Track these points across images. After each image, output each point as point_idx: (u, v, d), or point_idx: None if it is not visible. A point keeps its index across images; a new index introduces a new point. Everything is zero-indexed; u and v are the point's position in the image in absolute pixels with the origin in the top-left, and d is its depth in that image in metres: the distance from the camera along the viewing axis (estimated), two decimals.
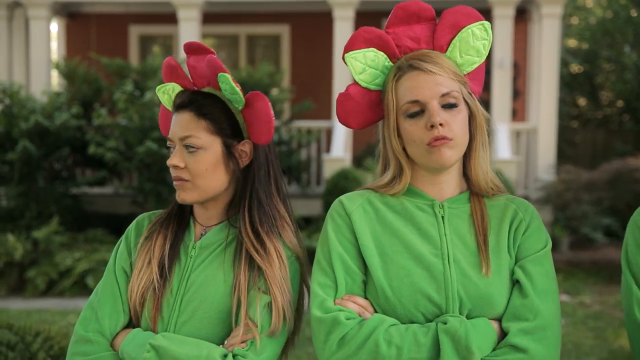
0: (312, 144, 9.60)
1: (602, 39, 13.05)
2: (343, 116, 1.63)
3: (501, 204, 1.60)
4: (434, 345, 1.43)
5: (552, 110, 9.50)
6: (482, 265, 1.52)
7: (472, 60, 1.58)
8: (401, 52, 1.58)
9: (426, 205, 1.59)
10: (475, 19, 1.57)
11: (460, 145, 1.53)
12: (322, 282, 1.54)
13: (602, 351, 5.15)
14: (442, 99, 1.51)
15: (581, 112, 13.64)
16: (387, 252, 1.53)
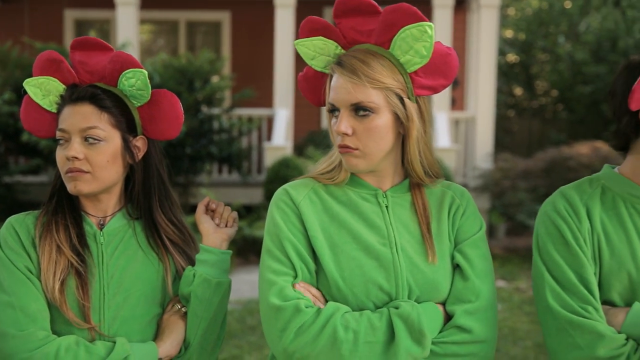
0: (253, 132, 9.55)
1: (537, 29, 13.33)
2: (304, 93, 1.70)
3: (439, 191, 1.65)
4: (389, 329, 1.47)
5: (490, 99, 9.66)
6: (428, 253, 1.57)
7: (414, 60, 1.54)
8: (348, 42, 1.59)
9: (370, 195, 1.61)
10: (415, 19, 1.52)
11: (369, 154, 1.54)
12: (277, 269, 1.53)
13: (537, 335, 5.29)
14: (355, 106, 1.52)
15: (518, 101, 13.93)
16: (337, 243, 1.55)
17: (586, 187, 1.64)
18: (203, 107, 8.70)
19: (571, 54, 12.14)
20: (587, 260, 1.55)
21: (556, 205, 1.61)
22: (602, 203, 1.61)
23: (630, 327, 1.52)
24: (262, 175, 9.35)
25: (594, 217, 1.59)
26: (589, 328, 1.50)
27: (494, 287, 1.60)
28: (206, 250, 1.71)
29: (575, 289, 1.54)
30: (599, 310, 1.53)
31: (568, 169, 8.19)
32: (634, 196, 1.59)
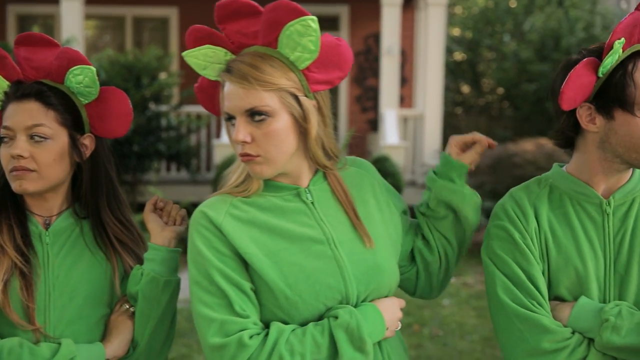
0: (202, 129, 9.48)
1: (484, 28, 13.53)
2: (205, 105, 1.65)
3: (352, 172, 1.64)
4: (332, 343, 1.45)
5: (438, 97, 9.78)
6: (364, 239, 1.55)
7: (303, 57, 1.48)
8: (237, 47, 1.54)
9: (292, 196, 1.56)
10: (297, 15, 1.46)
11: (272, 159, 1.49)
12: (211, 302, 1.46)
13: (484, 329, 5.38)
14: (250, 112, 1.47)
15: (465, 98, 14.12)
16: (274, 252, 1.49)
17: (534, 187, 1.67)
18: (151, 104, 8.59)
19: (516, 53, 12.36)
20: (534, 258, 1.59)
21: (505, 207, 1.65)
22: (550, 202, 1.64)
23: (575, 321, 1.56)
24: (212, 172, 9.28)
25: (541, 217, 1.62)
26: (535, 321, 1.54)
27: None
28: (154, 249, 1.68)
29: (523, 285, 1.57)
30: (545, 305, 1.57)
31: (513, 165, 8.34)
32: (579, 193, 1.63)
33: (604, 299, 1.59)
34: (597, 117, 1.58)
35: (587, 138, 1.61)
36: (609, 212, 1.61)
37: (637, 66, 1.53)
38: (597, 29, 12.32)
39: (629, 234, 1.60)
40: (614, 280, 1.59)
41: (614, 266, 1.59)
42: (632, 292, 1.57)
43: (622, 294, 1.58)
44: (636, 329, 1.51)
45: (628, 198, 1.62)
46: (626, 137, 1.55)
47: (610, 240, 1.60)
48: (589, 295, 1.58)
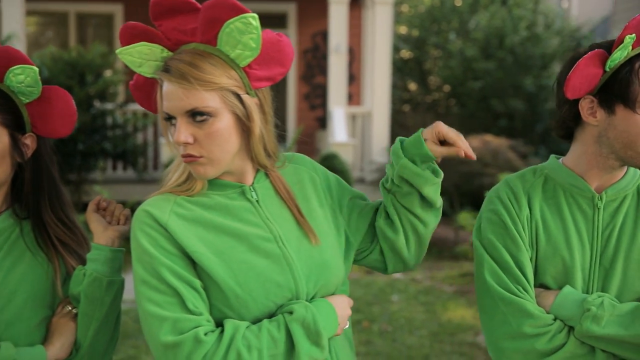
0: (148, 127, 9.36)
1: (430, 26, 13.67)
2: (141, 103, 1.61)
3: (290, 170, 1.62)
4: (288, 338, 1.44)
5: (385, 94, 9.85)
6: (309, 236, 1.54)
7: (244, 54, 1.45)
8: (174, 44, 1.50)
9: (237, 194, 1.54)
10: (236, 12, 1.43)
11: (216, 159, 1.47)
12: (161, 301, 1.42)
13: (432, 324, 5.44)
14: (191, 112, 1.43)
15: (412, 96, 14.24)
16: (222, 251, 1.46)
17: (530, 176, 1.72)
18: (95, 102, 8.44)
19: (462, 51, 12.52)
20: (524, 245, 1.64)
21: (499, 193, 1.70)
22: (544, 192, 1.69)
23: (557, 308, 1.60)
24: (159, 171, 9.17)
25: (534, 205, 1.67)
26: (519, 306, 1.59)
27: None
28: (97, 249, 1.64)
29: (511, 270, 1.62)
30: (530, 291, 1.61)
31: (460, 162, 8.45)
32: (573, 186, 1.67)
33: (587, 290, 1.63)
34: (598, 111, 1.62)
35: (586, 131, 1.66)
36: (600, 207, 1.65)
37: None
38: (540, 27, 12.57)
39: (617, 230, 1.64)
40: (599, 272, 1.63)
41: (600, 259, 1.64)
42: (615, 285, 1.62)
43: (605, 287, 1.62)
44: (616, 321, 1.55)
45: (620, 195, 1.67)
46: (624, 133, 1.59)
47: (599, 234, 1.65)
48: (573, 285, 1.63)
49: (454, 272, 7.20)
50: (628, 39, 1.56)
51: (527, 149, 9.19)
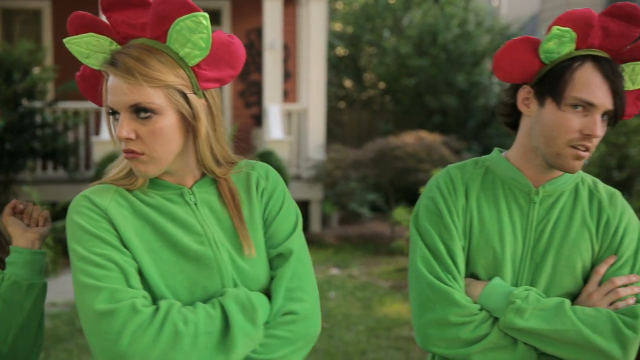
0: (79, 126, 9.14)
1: (364, 23, 13.76)
2: (87, 95, 1.57)
3: (243, 175, 1.60)
4: (224, 315, 1.43)
5: (321, 91, 9.86)
6: (244, 246, 1.52)
7: (194, 53, 1.44)
8: (122, 37, 1.47)
9: (175, 195, 1.52)
10: (187, 10, 1.41)
11: (158, 158, 1.44)
12: (99, 274, 1.38)
13: (369, 320, 5.48)
14: (135, 108, 1.41)
15: (348, 93, 14.31)
16: (154, 249, 1.45)
17: (470, 167, 1.74)
18: (23, 100, 8.20)
19: (396, 48, 12.64)
20: (457, 234, 1.66)
21: (439, 181, 1.72)
22: (482, 183, 1.71)
23: (484, 299, 1.62)
24: (91, 170, 8.98)
25: (470, 195, 1.69)
26: (446, 294, 1.61)
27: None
28: (16, 251, 1.59)
29: (442, 258, 1.64)
30: (459, 280, 1.63)
31: (395, 158, 8.54)
32: (512, 179, 1.70)
33: (516, 282, 1.65)
34: (532, 102, 1.65)
35: (523, 122, 1.69)
36: (536, 201, 1.68)
37: (583, 68, 1.58)
38: (471, 25, 12.78)
39: (551, 225, 1.67)
40: (529, 266, 1.66)
41: (531, 253, 1.66)
42: (543, 279, 1.65)
43: (534, 281, 1.65)
44: (539, 315, 1.57)
45: (558, 190, 1.70)
46: (547, 127, 1.62)
47: (532, 228, 1.67)
48: (503, 277, 1.65)
49: (390, 267, 7.28)
50: (555, 29, 1.58)
51: (460, 144, 9.35)
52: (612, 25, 1.59)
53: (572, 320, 1.56)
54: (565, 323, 1.56)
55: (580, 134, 1.59)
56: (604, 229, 1.68)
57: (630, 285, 1.63)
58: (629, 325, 1.57)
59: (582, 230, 1.67)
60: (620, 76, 1.60)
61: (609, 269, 1.65)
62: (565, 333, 1.56)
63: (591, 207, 1.70)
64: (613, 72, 1.59)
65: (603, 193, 1.73)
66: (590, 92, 1.58)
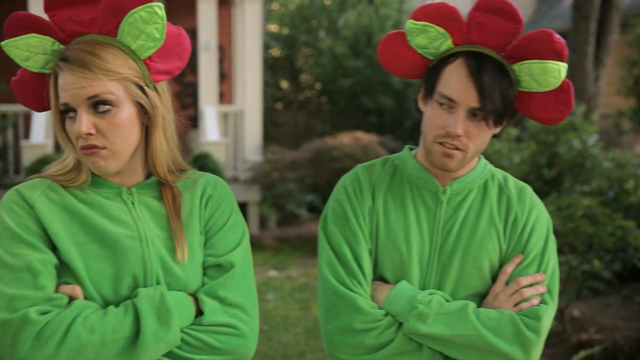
0: (7, 129, 8.88)
1: (300, 24, 13.77)
2: (24, 100, 1.54)
3: (191, 180, 1.60)
4: (135, 320, 1.40)
5: (257, 92, 9.82)
6: (177, 250, 1.50)
7: (147, 45, 1.45)
8: (67, 36, 1.45)
9: (113, 194, 1.52)
10: (142, 1, 1.41)
11: (118, 152, 1.45)
12: (8, 277, 1.37)
13: (308, 321, 5.48)
14: (92, 102, 1.41)
15: (284, 94, 14.30)
16: (81, 243, 1.44)
17: (379, 166, 1.70)
18: None
19: (332, 49, 12.69)
20: (363, 237, 1.62)
21: (345, 183, 1.68)
22: (391, 183, 1.68)
23: (389, 304, 1.60)
24: (21, 175, 8.73)
25: (377, 197, 1.65)
26: (350, 300, 1.58)
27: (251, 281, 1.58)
28: None
29: (347, 262, 1.61)
30: (365, 285, 1.61)
31: (332, 159, 8.58)
32: (419, 178, 1.66)
33: (424, 284, 1.63)
34: (423, 99, 1.64)
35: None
36: (443, 201, 1.65)
37: (453, 64, 1.55)
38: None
39: (458, 225, 1.64)
40: (437, 267, 1.63)
41: (439, 254, 1.63)
42: (450, 280, 1.62)
43: (442, 282, 1.62)
44: (442, 320, 1.55)
45: (465, 188, 1.66)
46: (423, 124, 1.62)
47: (440, 228, 1.64)
48: (410, 280, 1.62)
49: None
50: (410, 23, 1.58)
51: (396, 144, 9.44)
52: (486, 20, 1.53)
53: (473, 324, 1.54)
54: (467, 328, 1.54)
55: (445, 131, 1.56)
56: (512, 227, 1.64)
57: (536, 285, 1.60)
58: (531, 327, 1.56)
59: (490, 229, 1.63)
60: (492, 73, 1.52)
61: (516, 268, 1.62)
62: (468, 338, 1.54)
63: (500, 205, 1.66)
64: (480, 68, 1.52)
65: (512, 189, 1.68)
66: (451, 89, 1.54)
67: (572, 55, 8.60)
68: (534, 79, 1.55)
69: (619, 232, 4.54)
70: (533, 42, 1.52)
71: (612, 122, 10.54)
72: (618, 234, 4.54)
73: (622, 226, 4.57)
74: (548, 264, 1.64)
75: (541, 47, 1.51)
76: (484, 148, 1.63)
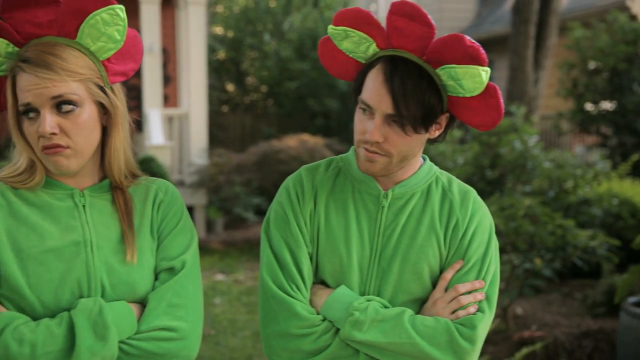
0: None
1: (245, 27, 13.74)
2: None
3: (143, 186, 1.61)
4: (70, 333, 1.39)
5: (202, 95, 9.76)
6: (127, 252, 1.51)
7: (107, 46, 1.47)
8: (24, 38, 1.45)
9: (65, 196, 1.52)
10: (103, 3, 1.44)
11: (81, 151, 1.47)
12: None
13: (255, 324, 5.46)
14: (55, 102, 1.43)
15: (230, 97, 14.24)
16: (23, 249, 1.44)
17: (323, 169, 1.68)
18: None
19: (277, 52, 12.69)
20: (304, 241, 1.61)
21: (289, 185, 1.66)
22: (334, 186, 1.65)
23: (326, 310, 1.59)
24: None
25: (319, 200, 1.63)
26: (288, 306, 1.57)
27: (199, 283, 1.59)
28: None
29: (287, 267, 1.59)
30: (303, 290, 1.59)
31: (279, 162, 8.57)
32: (361, 181, 1.64)
33: (364, 289, 1.61)
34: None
35: None
36: (384, 205, 1.62)
37: (374, 69, 1.53)
38: None
39: (399, 229, 1.62)
40: (376, 272, 1.61)
41: (379, 259, 1.61)
42: (390, 286, 1.60)
43: (381, 287, 1.61)
44: (377, 327, 1.54)
45: (407, 193, 1.64)
46: (354, 126, 1.60)
47: (380, 233, 1.62)
48: (350, 285, 1.61)
49: None
50: (330, 28, 1.57)
51: (342, 146, 9.49)
52: (402, 24, 1.50)
53: (408, 332, 1.53)
54: (402, 335, 1.53)
55: (365, 136, 1.54)
56: (453, 233, 1.62)
57: (474, 292, 1.59)
58: (465, 336, 1.55)
59: (430, 235, 1.61)
60: (409, 79, 1.50)
61: (456, 274, 1.60)
62: (402, 345, 1.53)
63: (442, 210, 1.64)
64: (394, 74, 1.50)
65: (456, 194, 1.66)
66: (369, 95, 1.53)
67: (512, 58, 8.79)
68: (457, 84, 1.51)
69: (559, 231, 4.66)
70: (446, 47, 1.49)
71: (551, 123, 10.81)
72: (558, 233, 4.66)
73: (561, 225, 4.69)
74: (488, 270, 1.62)
75: (455, 51, 1.48)
76: (416, 152, 1.61)
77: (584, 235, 4.71)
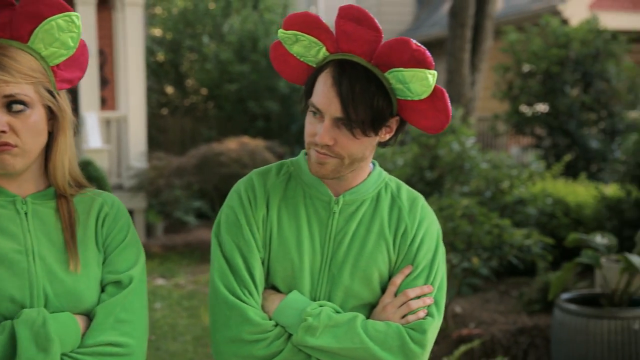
0: None
1: (184, 29, 13.61)
2: None
3: (88, 198, 1.59)
4: (10, 341, 1.38)
5: (141, 98, 9.64)
6: (70, 261, 1.50)
7: (59, 52, 1.49)
8: None
9: (7, 202, 1.51)
10: (60, 10, 1.46)
11: (28, 151, 1.48)
12: None
13: (196, 329, 5.42)
14: (6, 101, 1.44)
15: (170, 100, 14.08)
16: None
17: (274, 173, 1.67)
18: None
19: (217, 54, 12.62)
20: (256, 246, 1.60)
21: (239, 190, 1.65)
22: (285, 191, 1.65)
23: (279, 315, 1.59)
24: None
25: (272, 205, 1.63)
26: (240, 311, 1.56)
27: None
28: None
29: (239, 272, 1.58)
30: (255, 295, 1.59)
31: (219, 164, 8.52)
32: (312, 187, 1.64)
33: (315, 294, 1.62)
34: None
35: None
36: (335, 211, 1.63)
37: (323, 73, 1.55)
38: None
39: (350, 236, 1.63)
40: (327, 278, 1.62)
41: (329, 265, 1.62)
42: (340, 291, 1.62)
43: (332, 293, 1.62)
44: (330, 332, 1.56)
45: (358, 199, 1.65)
46: (305, 129, 1.60)
47: (331, 238, 1.63)
48: (301, 289, 1.61)
49: None
50: (280, 32, 1.59)
51: (283, 149, 9.51)
52: (350, 28, 1.51)
53: (360, 337, 1.55)
54: (354, 340, 1.55)
55: (314, 139, 1.56)
56: (402, 239, 1.65)
57: (423, 297, 1.62)
58: (416, 340, 1.57)
59: (379, 241, 1.63)
60: (357, 82, 1.51)
61: (405, 279, 1.63)
62: (355, 350, 1.55)
63: (391, 216, 1.66)
64: (342, 77, 1.51)
65: (404, 200, 1.68)
66: (318, 98, 1.54)
67: (449, 60, 8.94)
68: (405, 87, 1.53)
69: (496, 231, 4.76)
70: (392, 51, 1.51)
71: (488, 125, 11.04)
72: (495, 232, 4.76)
73: (498, 225, 4.79)
74: (436, 275, 1.65)
75: (402, 55, 1.50)
76: (367, 155, 1.62)
77: (519, 234, 4.82)
